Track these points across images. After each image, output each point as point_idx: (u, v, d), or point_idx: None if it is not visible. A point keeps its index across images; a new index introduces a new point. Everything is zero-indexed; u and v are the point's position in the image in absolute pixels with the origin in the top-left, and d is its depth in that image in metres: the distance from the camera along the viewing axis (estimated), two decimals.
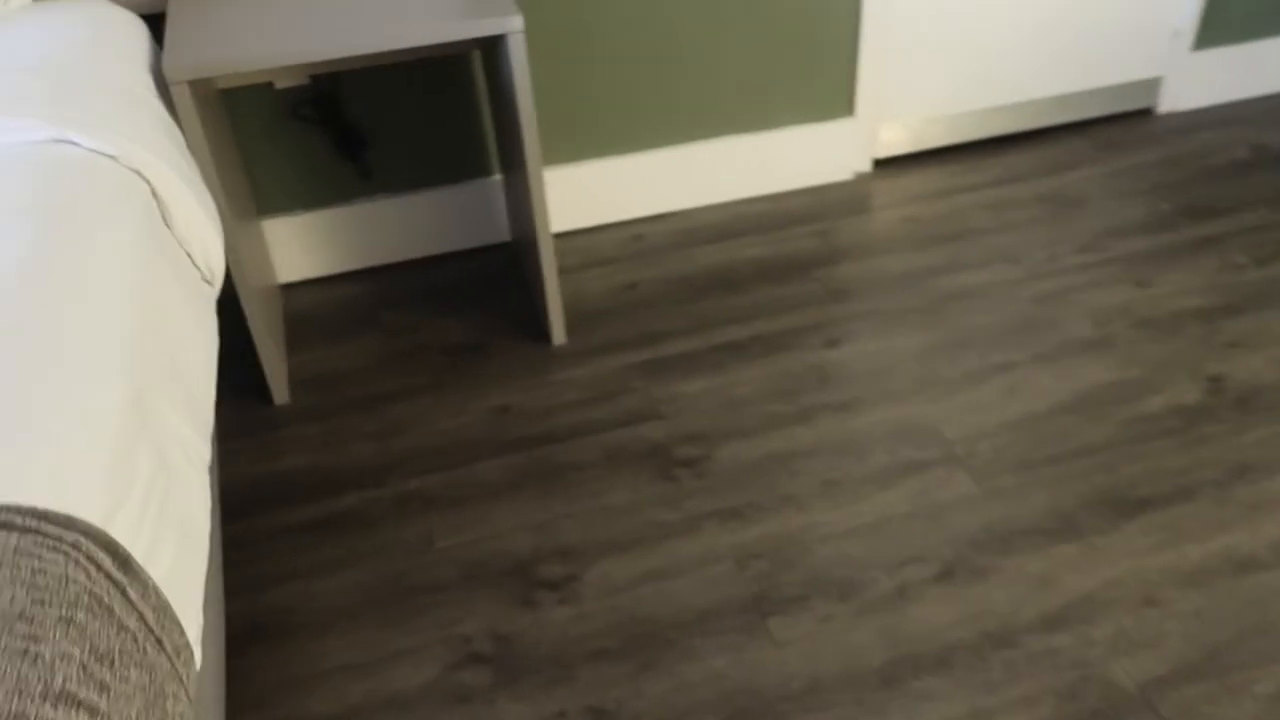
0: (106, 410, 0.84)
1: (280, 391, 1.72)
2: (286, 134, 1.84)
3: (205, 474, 1.00)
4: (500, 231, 2.07)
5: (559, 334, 1.82)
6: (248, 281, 1.57)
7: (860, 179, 2.23)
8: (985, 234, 2.05)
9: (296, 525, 1.51)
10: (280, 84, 1.78)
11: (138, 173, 1.15)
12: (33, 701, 0.60)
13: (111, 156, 1.13)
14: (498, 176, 2.01)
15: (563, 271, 2.00)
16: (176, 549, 0.87)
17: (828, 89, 2.12)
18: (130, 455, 0.84)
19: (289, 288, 1.99)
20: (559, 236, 2.10)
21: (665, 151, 2.08)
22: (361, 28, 1.45)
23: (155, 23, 1.66)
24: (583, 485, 1.55)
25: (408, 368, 1.79)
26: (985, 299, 1.87)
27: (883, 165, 2.27)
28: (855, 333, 1.81)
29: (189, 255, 1.21)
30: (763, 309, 1.88)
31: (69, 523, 0.72)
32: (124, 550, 0.76)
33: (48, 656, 0.63)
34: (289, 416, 1.71)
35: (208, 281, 1.25)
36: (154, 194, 1.16)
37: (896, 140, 2.26)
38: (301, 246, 1.96)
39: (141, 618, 0.75)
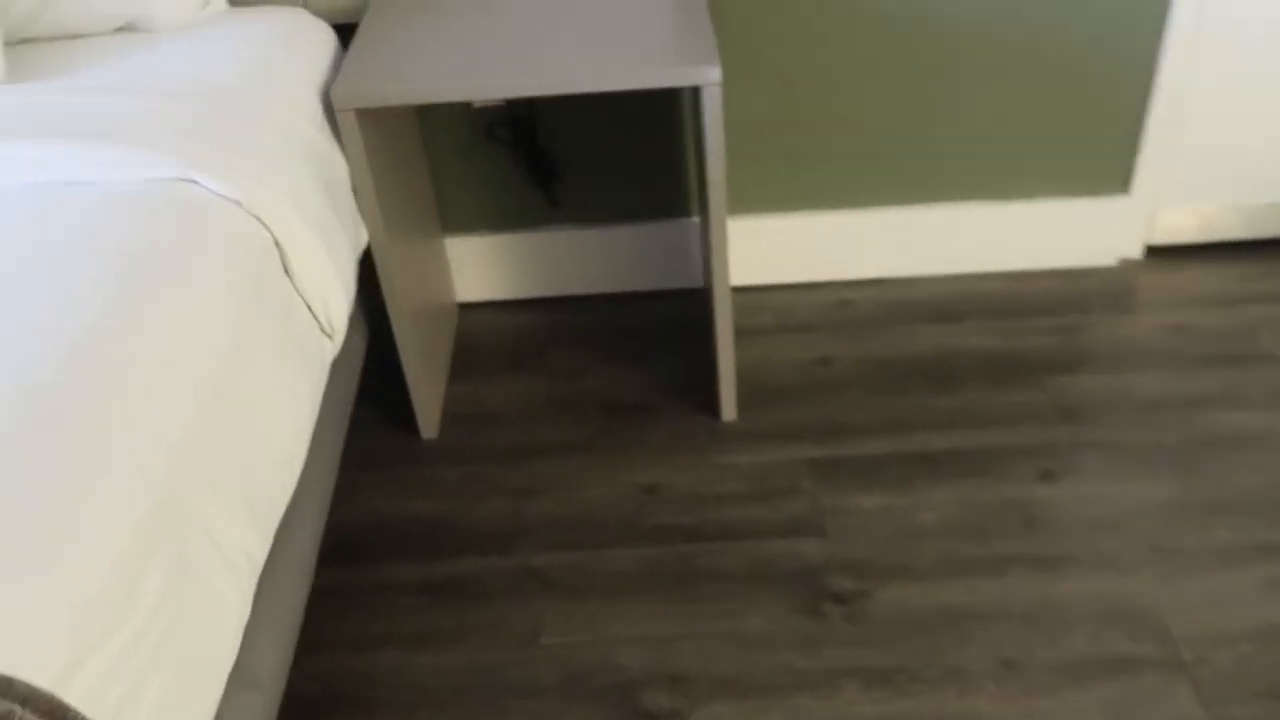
0: (113, 530, 0.74)
1: (428, 425, 1.63)
2: (479, 153, 1.75)
3: (250, 579, 0.90)
4: (694, 276, 1.90)
5: (729, 409, 1.62)
6: (400, 306, 1.48)
7: (1126, 268, 1.88)
8: (1277, 363, 1.65)
9: (406, 583, 1.42)
10: (477, 102, 1.68)
11: (260, 219, 1.06)
12: None
13: (235, 201, 1.05)
14: (697, 219, 1.84)
15: (752, 332, 1.80)
16: (174, 683, 0.76)
17: (1100, 158, 1.78)
18: (130, 580, 0.74)
19: (467, 307, 1.91)
20: (756, 289, 1.89)
21: (891, 211, 1.82)
22: (550, 65, 1.31)
23: (351, 33, 1.59)
24: (716, 601, 1.36)
25: (564, 419, 1.66)
26: (1260, 451, 1.50)
27: (1158, 254, 1.90)
28: (1080, 467, 1.50)
29: (309, 306, 1.12)
30: (973, 416, 1.60)
31: (6, 687, 0.62)
32: (74, 715, 0.65)
33: None
34: (431, 454, 1.62)
35: (327, 334, 1.16)
36: (276, 242, 1.08)
37: (1180, 226, 1.88)
38: (484, 268, 1.87)
39: None
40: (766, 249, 1.86)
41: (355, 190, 1.37)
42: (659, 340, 1.80)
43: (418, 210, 1.63)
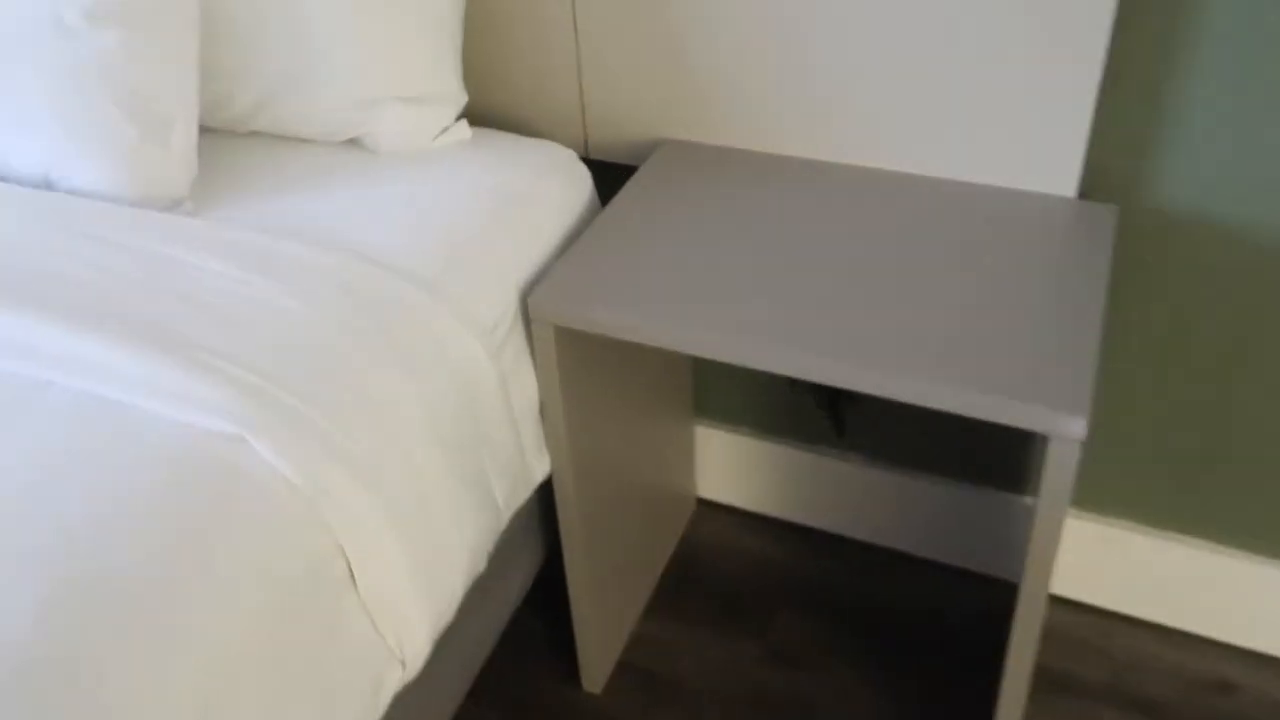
0: None
1: (593, 678, 1.28)
2: None
3: None
4: (1003, 564, 1.38)
5: None
6: (578, 547, 1.13)
7: None
8: None
9: None
10: None
11: (319, 514, 0.74)
12: None
13: (293, 484, 0.74)
14: (1029, 500, 1.32)
15: (1068, 683, 1.26)
16: None
17: None
18: None
19: (707, 505, 1.53)
20: (1097, 612, 1.34)
21: None
22: (850, 344, 0.88)
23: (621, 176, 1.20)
24: None
25: None
26: None
27: None
28: None
29: (374, 624, 0.80)
30: None
31: None
32: None
33: None
34: (582, 715, 1.26)
35: (400, 661, 0.83)
36: (340, 548, 0.76)
37: None
38: (737, 470, 1.47)
39: None
40: (1128, 566, 1.30)
41: (543, 412, 1.03)
42: (926, 640, 1.31)
43: (651, 402, 1.27)
